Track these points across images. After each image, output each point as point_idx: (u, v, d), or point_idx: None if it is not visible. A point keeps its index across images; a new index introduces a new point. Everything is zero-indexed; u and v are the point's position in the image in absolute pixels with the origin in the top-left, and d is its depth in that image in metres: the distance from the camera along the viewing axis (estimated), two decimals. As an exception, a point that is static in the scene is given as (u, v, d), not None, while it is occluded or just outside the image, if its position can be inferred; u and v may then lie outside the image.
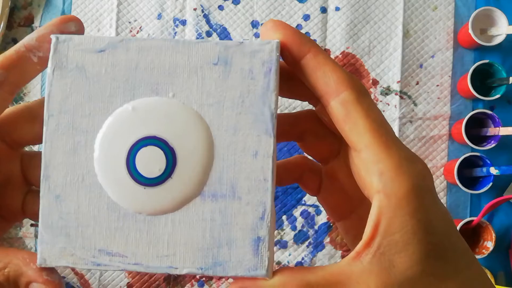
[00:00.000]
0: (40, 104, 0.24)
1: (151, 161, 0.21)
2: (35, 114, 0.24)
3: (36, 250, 0.71)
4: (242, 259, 0.21)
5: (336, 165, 0.25)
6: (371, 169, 0.20)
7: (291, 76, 0.22)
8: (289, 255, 0.69)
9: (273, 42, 0.21)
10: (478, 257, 0.65)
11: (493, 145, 0.64)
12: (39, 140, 0.24)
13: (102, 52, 0.21)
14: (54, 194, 0.21)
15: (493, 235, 0.64)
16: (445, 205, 0.53)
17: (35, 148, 0.61)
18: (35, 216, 0.25)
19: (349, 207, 0.25)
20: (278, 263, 0.69)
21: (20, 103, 0.73)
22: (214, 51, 0.21)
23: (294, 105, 0.70)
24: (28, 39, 0.22)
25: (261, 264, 0.21)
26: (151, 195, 0.21)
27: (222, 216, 0.21)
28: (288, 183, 0.27)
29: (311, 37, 0.72)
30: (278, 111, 0.22)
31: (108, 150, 0.22)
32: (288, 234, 0.70)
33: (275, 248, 0.69)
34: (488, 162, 0.64)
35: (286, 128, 0.25)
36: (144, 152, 0.21)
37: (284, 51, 0.21)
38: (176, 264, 0.21)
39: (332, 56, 0.71)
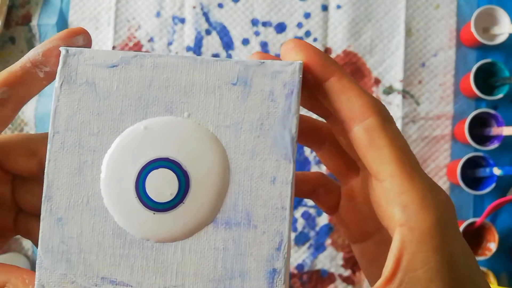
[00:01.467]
0: (41, 139, 0.23)
1: (162, 185, 0.20)
2: (34, 149, 0.23)
3: (33, 251, 0.70)
4: None
5: (355, 187, 0.24)
6: (393, 200, 0.19)
7: (309, 94, 0.22)
8: (290, 256, 0.69)
9: (296, 64, 0.20)
10: (480, 258, 0.64)
11: (497, 145, 0.64)
12: (32, 174, 0.23)
13: (114, 68, 0.20)
14: (56, 217, 0.20)
15: (496, 236, 0.63)
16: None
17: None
18: (26, 234, 0.24)
19: (367, 231, 0.25)
20: (279, 264, 0.69)
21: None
22: (234, 71, 0.20)
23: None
24: (33, 54, 0.21)
25: None
26: (161, 221, 0.20)
27: (236, 246, 0.20)
28: (300, 195, 0.26)
29: (312, 35, 0.71)
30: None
31: (116, 172, 0.20)
32: None
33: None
34: (492, 162, 0.64)
35: (306, 131, 0.24)
36: (155, 174, 0.20)
37: (306, 72, 0.20)
38: None
39: (333, 55, 0.71)
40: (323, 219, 0.69)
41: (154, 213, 0.20)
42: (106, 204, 0.20)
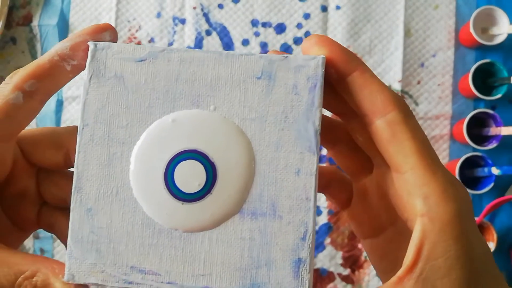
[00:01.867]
0: (67, 133, 0.23)
1: (190, 176, 0.21)
2: (60, 142, 0.23)
3: (34, 250, 0.70)
4: (281, 281, 0.20)
5: (368, 184, 0.25)
6: (415, 192, 0.19)
7: (328, 91, 0.22)
8: (289, 255, 0.69)
9: (318, 58, 0.20)
10: (479, 257, 0.65)
11: (495, 145, 0.64)
12: (57, 167, 0.24)
13: (142, 62, 0.21)
14: (85, 207, 0.20)
15: (495, 235, 0.64)
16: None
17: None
18: (49, 228, 0.24)
19: (378, 227, 0.25)
20: (278, 263, 0.69)
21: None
22: (258, 65, 0.21)
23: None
24: (61, 47, 0.21)
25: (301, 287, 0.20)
26: (189, 211, 0.21)
27: (262, 236, 0.20)
28: None
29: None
30: None
31: (145, 163, 0.21)
32: None
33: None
34: (490, 162, 0.64)
35: (322, 130, 0.25)
36: (183, 166, 0.21)
37: (328, 67, 0.21)
38: (212, 284, 0.20)
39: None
40: (323, 219, 0.69)
41: (182, 204, 0.21)
42: (135, 195, 0.21)
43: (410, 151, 0.20)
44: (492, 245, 0.64)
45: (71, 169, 0.24)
